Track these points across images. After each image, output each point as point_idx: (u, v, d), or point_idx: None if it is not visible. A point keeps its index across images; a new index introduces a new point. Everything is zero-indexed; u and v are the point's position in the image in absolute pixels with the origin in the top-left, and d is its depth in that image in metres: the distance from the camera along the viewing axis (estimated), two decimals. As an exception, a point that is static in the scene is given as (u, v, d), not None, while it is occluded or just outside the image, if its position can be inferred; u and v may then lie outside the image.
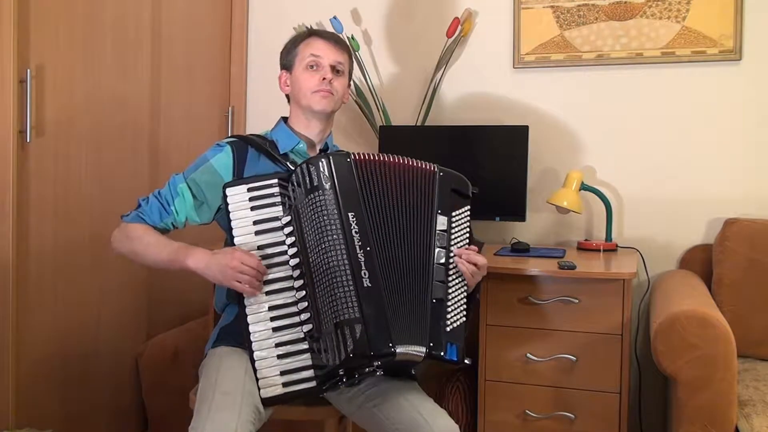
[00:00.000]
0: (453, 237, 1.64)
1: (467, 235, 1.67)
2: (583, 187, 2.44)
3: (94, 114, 2.22)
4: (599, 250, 2.39)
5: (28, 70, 1.93)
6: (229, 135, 1.82)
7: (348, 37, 2.69)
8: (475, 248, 1.66)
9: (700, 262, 2.42)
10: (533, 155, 2.46)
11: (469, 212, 1.70)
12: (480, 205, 2.43)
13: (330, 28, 2.70)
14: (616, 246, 2.45)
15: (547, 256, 2.24)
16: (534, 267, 2.08)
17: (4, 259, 1.91)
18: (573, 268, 2.02)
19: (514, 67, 2.67)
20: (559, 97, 2.63)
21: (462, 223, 1.67)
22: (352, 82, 2.70)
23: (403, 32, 2.80)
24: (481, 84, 2.71)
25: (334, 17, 2.65)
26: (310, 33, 1.82)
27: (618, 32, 2.54)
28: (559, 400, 2.08)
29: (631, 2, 2.53)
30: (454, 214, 1.66)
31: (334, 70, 1.77)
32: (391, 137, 2.58)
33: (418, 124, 2.69)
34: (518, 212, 2.43)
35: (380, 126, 2.64)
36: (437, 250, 1.60)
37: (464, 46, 2.73)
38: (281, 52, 1.85)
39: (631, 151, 2.55)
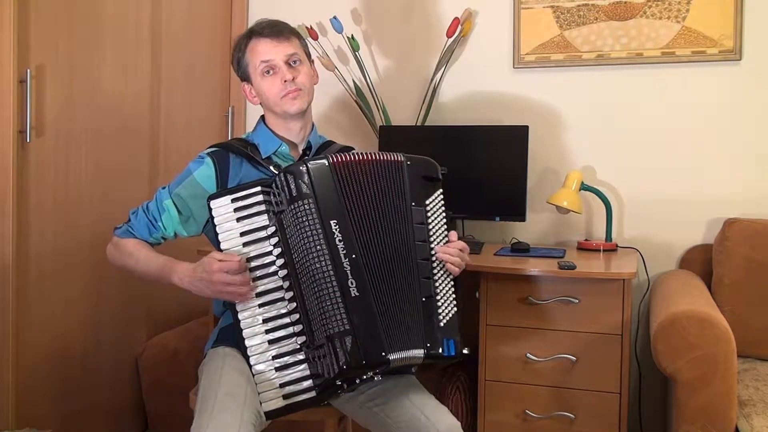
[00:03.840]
0: (431, 227, 1.60)
1: (444, 221, 1.63)
2: (583, 187, 2.44)
3: (94, 114, 2.22)
4: (599, 250, 2.39)
5: (28, 70, 1.93)
6: (211, 144, 1.79)
7: (348, 37, 2.69)
8: (455, 234, 1.62)
9: (700, 262, 2.42)
10: (533, 155, 2.46)
11: (442, 196, 1.64)
12: (480, 205, 2.46)
13: (330, 28, 2.71)
14: (616, 246, 2.45)
15: (547, 256, 2.24)
16: (534, 267, 2.08)
17: (4, 259, 1.91)
18: (573, 268, 2.02)
19: (514, 67, 2.67)
20: (559, 97, 2.63)
21: (437, 210, 1.62)
22: (352, 82, 2.73)
23: (403, 32, 2.80)
24: (481, 84, 2.71)
25: (334, 17, 2.65)
26: (249, 35, 1.75)
27: (618, 32, 2.54)
28: (559, 400, 2.08)
29: (631, 2, 2.53)
30: (427, 202, 1.61)
31: (290, 64, 1.72)
32: (391, 137, 2.58)
33: (418, 124, 2.69)
34: (518, 212, 2.43)
35: (380, 126, 2.64)
36: (417, 245, 1.57)
37: (464, 46, 2.73)
38: (232, 64, 1.80)
39: (631, 151, 2.55)
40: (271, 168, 1.70)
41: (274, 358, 1.53)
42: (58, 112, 2.07)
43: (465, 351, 1.55)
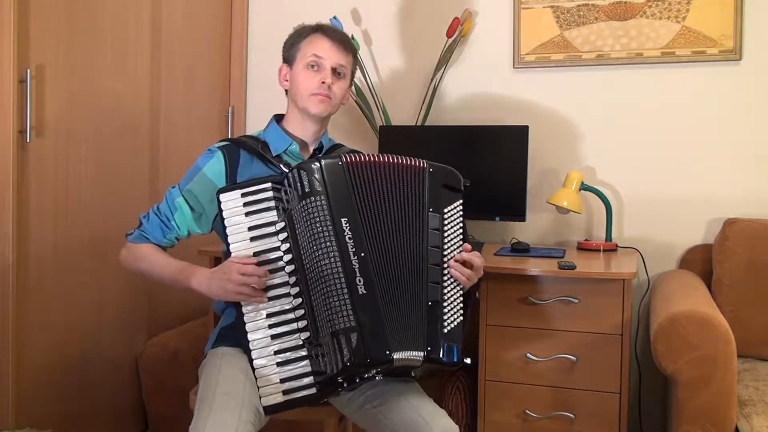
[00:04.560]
0: (446, 235, 1.60)
1: (461, 231, 1.63)
2: (583, 187, 2.44)
3: (94, 114, 2.22)
4: (599, 250, 2.39)
5: (28, 70, 1.93)
6: (221, 139, 1.79)
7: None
8: (469, 246, 1.63)
9: (700, 262, 2.42)
10: (533, 155, 2.46)
11: (461, 207, 1.65)
12: (480, 205, 2.45)
13: (330, 28, 2.71)
14: (616, 246, 2.45)
15: (547, 256, 2.24)
16: (534, 267, 2.08)
17: (4, 259, 1.91)
18: (573, 268, 2.02)
19: (514, 67, 2.67)
20: (559, 97, 2.63)
21: (454, 220, 1.63)
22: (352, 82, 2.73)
23: (403, 32, 2.80)
24: (481, 84, 2.71)
25: (334, 17, 2.65)
26: (316, 29, 1.77)
27: (618, 32, 2.54)
28: (559, 400, 2.08)
29: (631, 2, 2.53)
30: (446, 210, 1.62)
31: (335, 72, 1.73)
32: (391, 137, 2.58)
33: (418, 124, 2.69)
34: (518, 212, 2.43)
35: (380, 126, 2.64)
36: (430, 250, 1.58)
37: (464, 46, 2.73)
38: (285, 43, 1.81)
39: (631, 151, 2.56)
40: (281, 166, 1.70)
41: (276, 353, 1.53)
42: (58, 112, 2.07)
43: (467, 361, 1.55)
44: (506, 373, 2.12)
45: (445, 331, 1.53)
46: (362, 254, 1.51)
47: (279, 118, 1.83)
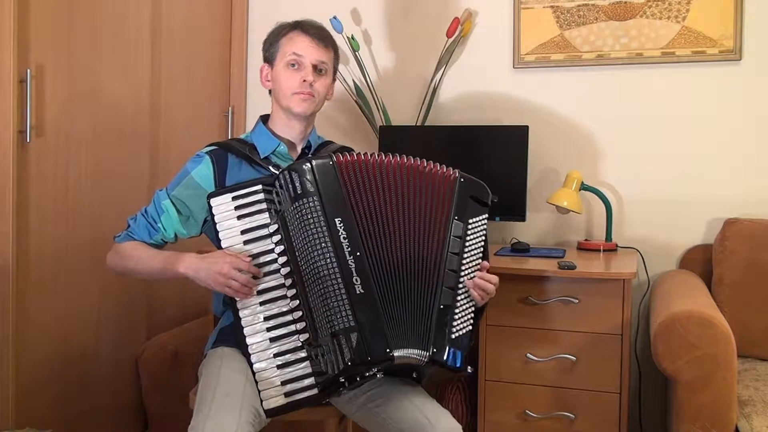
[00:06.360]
0: (468, 244, 1.61)
1: (482, 243, 1.64)
2: (583, 187, 2.44)
3: (94, 114, 2.22)
4: (599, 250, 2.39)
5: (28, 70, 1.93)
6: (210, 143, 1.79)
7: (348, 37, 2.69)
8: (487, 265, 1.63)
9: (700, 262, 2.42)
10: (533, 155, 2.46)
11: (486, 220, 1.66)
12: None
13: (330, 28, 2.70)
14: (616, 246, 2.45)
15: (547, 256, 2.24)
16: (534, 267, 2.08)
17: (4, 259, 1.91)
18: (573, 268, 2.02)
19: (514, 67, 2.67)
20: (559, 97, 2.63)
21: (478, 232, 1.64)
22: (352, 82, 2.73)
23: (403, 32, 2.80)
24: (481, 84, 2.71)
25: (334, 17, 2.65)
26: (294, 26, 1.77)
27: (618, 32, 2.54)
28: (559, 400, 2.08)
29: (631, 2, 2.53)
30: (470, 221, 1.63)
31: (317, 70, 1.73)
32: (391, 137, 2.58)
33: (418, 124, 2.69)
34: (518, 212, 2.43)
35: (380, 126, 2.64)
36: (449, 255, 1.58)
37: (464, 46, 2.73)
38: (264, 43, 1.80)
39: (631, 151, 2.56)
40: (270, 168, 1.70)
41: (276, 355, 1.53)
42: (58, 112, 2.07)
43: (469, 369, 1.56)
44: (506, 373, 2.12)
45: (453, 336, 1.54)
46: (358, 253, 1.51)
47: (266, 119, 1.82)
